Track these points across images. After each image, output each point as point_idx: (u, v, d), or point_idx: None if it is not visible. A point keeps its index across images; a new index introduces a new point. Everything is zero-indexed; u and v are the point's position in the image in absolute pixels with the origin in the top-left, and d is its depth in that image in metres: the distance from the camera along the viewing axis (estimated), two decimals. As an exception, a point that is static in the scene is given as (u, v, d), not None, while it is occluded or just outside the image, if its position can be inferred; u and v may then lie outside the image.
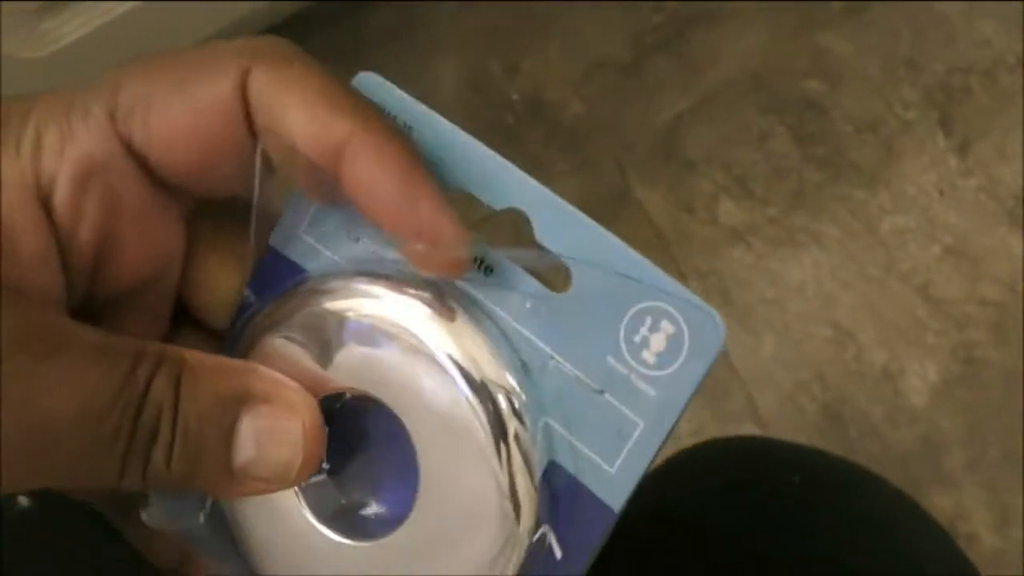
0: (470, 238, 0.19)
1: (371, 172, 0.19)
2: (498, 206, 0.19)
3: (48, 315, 0.18)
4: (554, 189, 0.19)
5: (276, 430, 0.19)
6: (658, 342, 0.19)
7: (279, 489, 0.19)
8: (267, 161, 0.19)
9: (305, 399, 0.19)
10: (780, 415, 0.69)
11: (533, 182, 0.19)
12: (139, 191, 0.19)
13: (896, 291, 0.70)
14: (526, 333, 0.20)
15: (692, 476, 0.54)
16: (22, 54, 0.67)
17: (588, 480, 0.20)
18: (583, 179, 0.76)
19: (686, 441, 0.71)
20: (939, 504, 0.65)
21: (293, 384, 0.19)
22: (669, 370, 0.19)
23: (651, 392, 0.19)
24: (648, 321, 0.19)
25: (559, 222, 0.19)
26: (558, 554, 0.19)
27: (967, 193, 0.71)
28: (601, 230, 0.19)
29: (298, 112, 0.18)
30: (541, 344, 0.20)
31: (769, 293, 0.71)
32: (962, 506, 0.66)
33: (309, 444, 0.19)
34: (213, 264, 0.21)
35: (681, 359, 0.19)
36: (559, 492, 0.20)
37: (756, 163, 0.74)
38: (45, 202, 0.18)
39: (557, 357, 0.20)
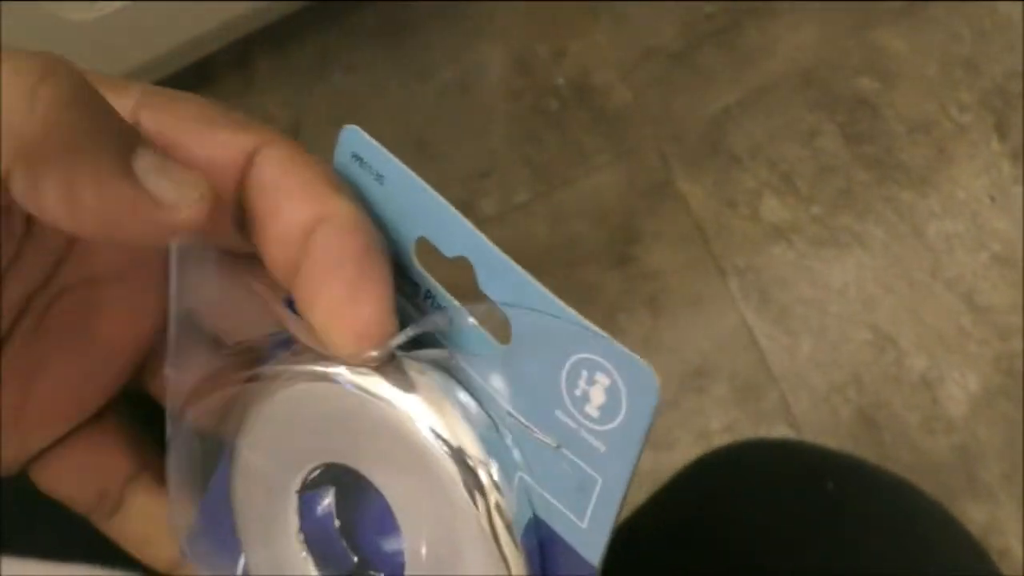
0: (395, 338, 0.19)
1: (326, 259, 0.18)
2: (450, 254, 0.19)
3: None
4: (595, 177, 0.19)
5: (170, 168, 0.18)
6: (598, 395, 0.18)
7: (188, 222, 0.18)
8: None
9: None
10: (814, 417, 0.67)
11: (475, 233, 0.19)
12: None
13: (940, 297, 0.68)
14: (487, 388, 0.19)
15: (724, 476, 0.53)
16: (72, 16, 0.68)
17: (565, 533, 0.19)
18: (625, 167, 0.76)
19: (718, 439, 0.70)
20: (973, 516, 0.64)
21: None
22: (613, 424, 0.18)
23: (601, 447, 0.18)
24: (584, 374, 0.18)
25: (496, 271, 0.19)
26: None
27: (1018, 200, 0.69)
28: (533, 281, 0.18)
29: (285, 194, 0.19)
30: (499, 400, 0.19)
31: (808, 293, 0.70)
32: (996, 519, 0.64)
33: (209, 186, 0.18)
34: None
35: (622, 413, 0.18)
36: (544, 544, 0.19)
37: (803, 160, 0.73)
38: None
39: (514, 413, 0.19)
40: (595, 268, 0.74)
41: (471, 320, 0.19)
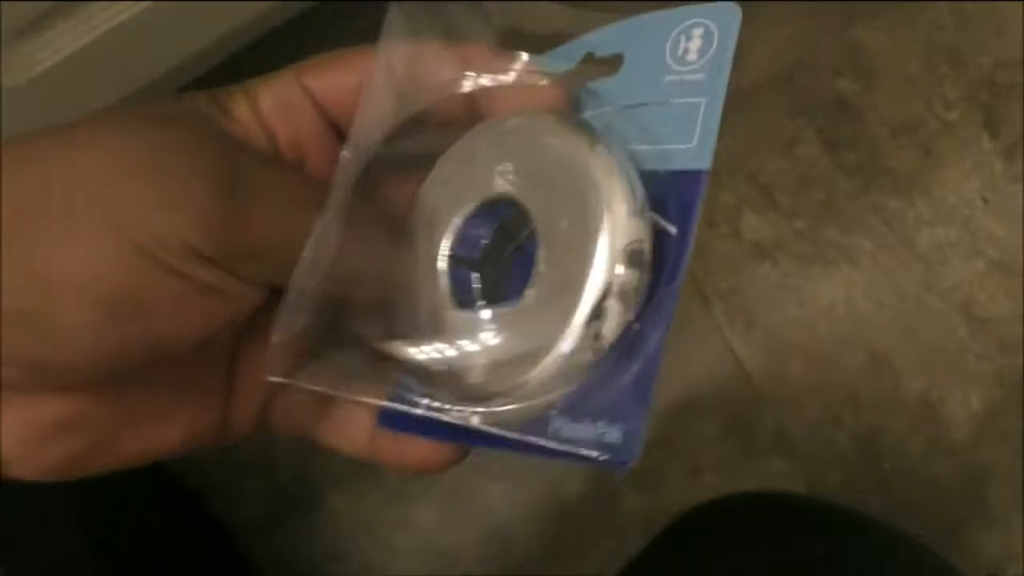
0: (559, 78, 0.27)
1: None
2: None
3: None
4: None
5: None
6: (694, 45, 0.26)
7: None
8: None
9: None
10: (810, 448, 0.64)
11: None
12: (317, 119, 0.27)
13: (936, 310, 0.64)
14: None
15: (711, 536, 0.50)
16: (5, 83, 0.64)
17: (678, 163, 0.25)
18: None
19: (710, 476, 0.67)
20: (986, 546, 0.60)
21: None
22: (708, 55, 0.25)
23: (700, 76, 0.26)
24: (682, 39, 0.26)
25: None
26: (672, 231, 0.24)
27: (1014, 201, 0.65)
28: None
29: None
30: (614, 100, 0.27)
31: (797, 313, 0.66)
32: (1011, 548, 0.61)
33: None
34: None
35: (715, 44, 0.25)
36: (661, 189, 0.25)
37: (783, 171, 0.69)
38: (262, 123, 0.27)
39: (630, 103, 0.26)
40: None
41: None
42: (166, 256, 0.23)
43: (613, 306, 0.23)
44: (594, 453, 0.23)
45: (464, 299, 0.26)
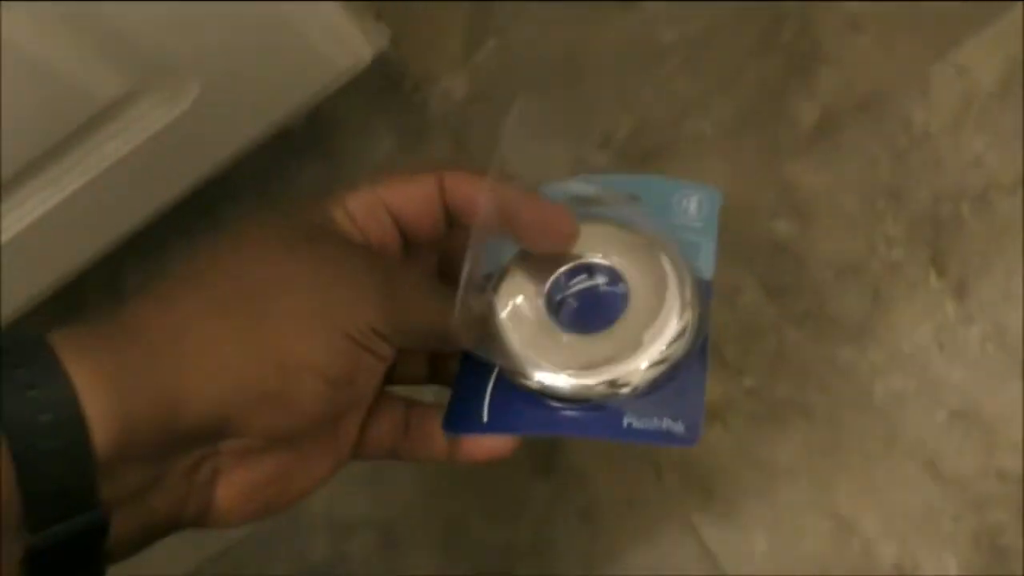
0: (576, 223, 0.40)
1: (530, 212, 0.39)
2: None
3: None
4: None
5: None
6: (693, 207, 0.44)
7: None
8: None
9: None
10: (781, 630, 0.60)
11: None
12: (388, 220, 0.37)
13: (900, 468, 0.61)
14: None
15: None
16: None
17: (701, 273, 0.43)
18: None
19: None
20: None
21: None
22: (703, 214, 0.44)
23: (699, 225, 0.44)
24: (684, 201, 0.44)
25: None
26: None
27: (971, 345, 0.61)
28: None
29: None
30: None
31: (755, 481, 0.62)
32: None
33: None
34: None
35: (705, 209, 0.44)
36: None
37: (727, 325, 0.65)
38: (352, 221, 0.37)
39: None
40: (520, 479, 0.66)
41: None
42: (364, 339, 0.33)
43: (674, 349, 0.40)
44: (664, 441, 0.39)
45: (564, 327, 0.41)
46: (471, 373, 0.41)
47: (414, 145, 0.73)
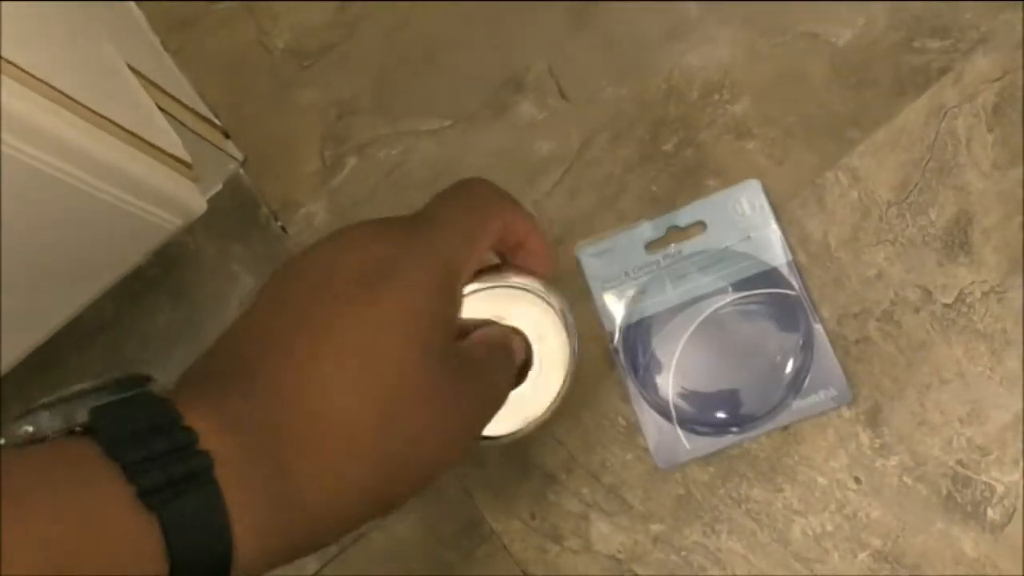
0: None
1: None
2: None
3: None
4: (388, 528, 0.38)
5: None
6: (744, 206, 0.61)
7: None
8: None
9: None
10: None
11: None
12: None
13: (825, 619, 0.56)
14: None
15: None
16: None
17: (773, 262, 0.59)
18: (424, 509, 0.61)
19: None
20: None
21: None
22: (755, 207, 0.60)
23: (757, 220, 0.61)
24: (735, 204, 0.61)
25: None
26: None
27: (888, 478, 0.57)
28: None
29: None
30: None
31: (671, 644, 0.57)
32: None
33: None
34: None
35: (755, 202, 0.61)
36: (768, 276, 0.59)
37: (627, 465, 0.60)
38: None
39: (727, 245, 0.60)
40: None
41: None
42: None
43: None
44: (832, 405, 0.57)
45: None
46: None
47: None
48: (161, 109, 0.55)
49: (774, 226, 0.60)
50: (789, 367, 0.58)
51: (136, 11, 0.69)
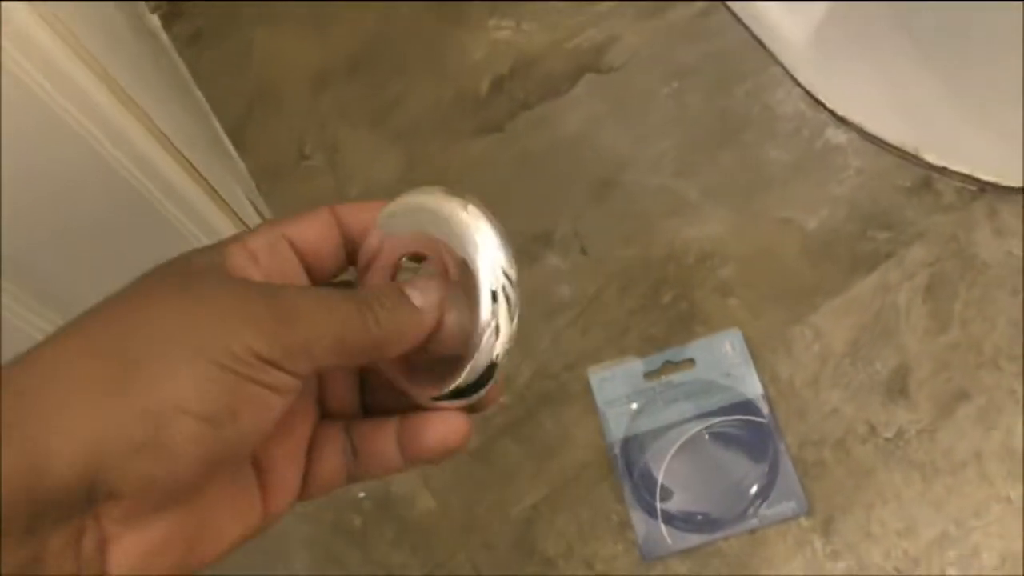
0: None
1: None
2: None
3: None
4: None
5: (425, 286, 0.34)
6: (728, 349, 0.75)
7: (435, 320, 0.35)
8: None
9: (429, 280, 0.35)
10: None
11: None
12: (291, 255, 0.36)
13: None
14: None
15: None
16: None
17: (748, 393, 0.69)
18: (439, 584, 0.71)
19: None
20: None
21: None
22: (737, 351, 0.74)
23: (739, 361, 0.74)
24: (721, 347, 0.74)
25: None
26: None
27: (839, 580, 0.68)
28: None
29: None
30: None
31: None
32: None
33: (443, 293, 0.35)
34: None
35: (737, 346, 0.74)
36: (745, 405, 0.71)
37: (617, 556, 0.70)
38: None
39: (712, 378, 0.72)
40: None
41: None
42: (243, 367, 0.30)
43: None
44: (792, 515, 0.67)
45: None
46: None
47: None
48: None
49: (751, 366, 0.73)
50: (757, 483, 0.70)
51: (240, 162, 0.85)
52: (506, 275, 0.35)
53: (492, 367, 0.34)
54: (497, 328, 0.34)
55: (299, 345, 0.31)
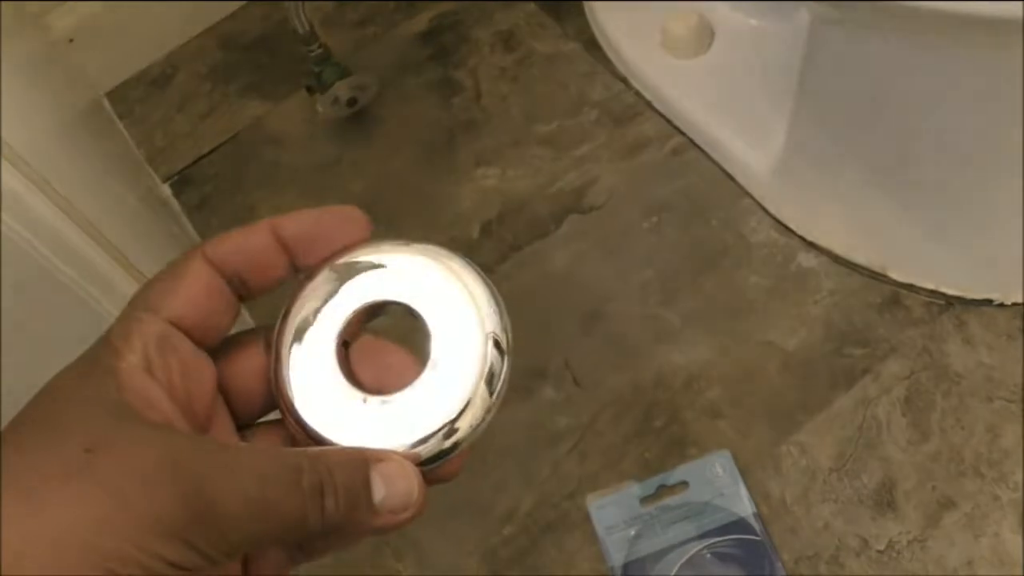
0: None
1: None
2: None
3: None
4: None
5: (394, 473, 0.30)
6: (718, 470, 0.76)
7: (409, 520, 0.30)
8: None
9: (404, 458, 0.31)
10: None
11: None
12: (186, 343, 0.31)
13: None
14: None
15: None
16: None
17: (738, 512, 0.71)
18: None
19: None
20: None
21: (395, 454, 0.31)
22: (727, 471, 0.78)
23: (728, 481, 0.75)
24: (711, 468, 0.78)
25: None
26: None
27: None
28: None
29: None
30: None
31: None
32: None
33: (419, 480, 0.30)
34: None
35: (727, 467, 0.76)
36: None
37: None
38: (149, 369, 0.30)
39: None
40: None
41: None
42: (136, 571, 0.26)
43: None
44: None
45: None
46: None
47: None
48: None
49: (742, 486, 0.76)
50: (757, 600, 0.72)
51: (244, 311, 0.90)
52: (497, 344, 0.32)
53: (455, 445, 0.31)
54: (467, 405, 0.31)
55: (224, 549, 0.27)
